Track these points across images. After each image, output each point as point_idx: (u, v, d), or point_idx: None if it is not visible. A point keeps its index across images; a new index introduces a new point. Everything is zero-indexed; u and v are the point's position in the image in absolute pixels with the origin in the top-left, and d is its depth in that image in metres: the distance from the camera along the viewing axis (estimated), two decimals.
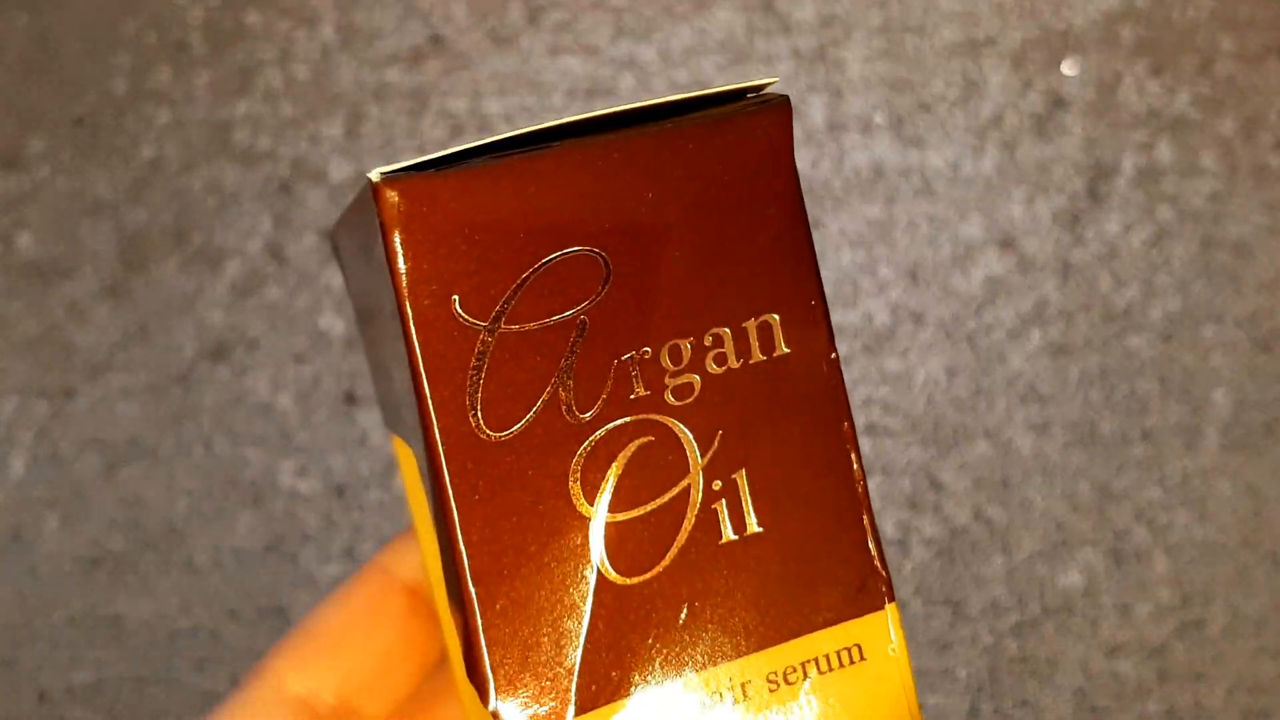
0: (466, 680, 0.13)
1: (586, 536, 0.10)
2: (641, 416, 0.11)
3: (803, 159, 0.48)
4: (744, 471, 0.11)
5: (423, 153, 0.63)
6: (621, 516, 0.10)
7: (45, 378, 0.68)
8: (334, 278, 0.61)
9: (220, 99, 0.52)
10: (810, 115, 0.50)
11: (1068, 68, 0.49)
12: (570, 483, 0.10)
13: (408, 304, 0.10)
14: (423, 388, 0.10)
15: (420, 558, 0.14)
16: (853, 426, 0.11)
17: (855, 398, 0.44)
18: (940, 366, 0.44)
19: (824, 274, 0.47)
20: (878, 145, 0.47)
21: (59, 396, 0.67)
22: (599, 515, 0.10)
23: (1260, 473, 0.43)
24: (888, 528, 0.43)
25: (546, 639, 0.10)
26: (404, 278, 0.10)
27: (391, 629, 0.14)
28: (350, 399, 0.69)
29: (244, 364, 0.62)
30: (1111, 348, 0.44)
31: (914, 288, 0.44)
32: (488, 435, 0.10)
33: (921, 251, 0.44)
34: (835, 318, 0.45)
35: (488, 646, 0.10)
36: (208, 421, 0.66)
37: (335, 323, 0.63)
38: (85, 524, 0.73)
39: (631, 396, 0.10)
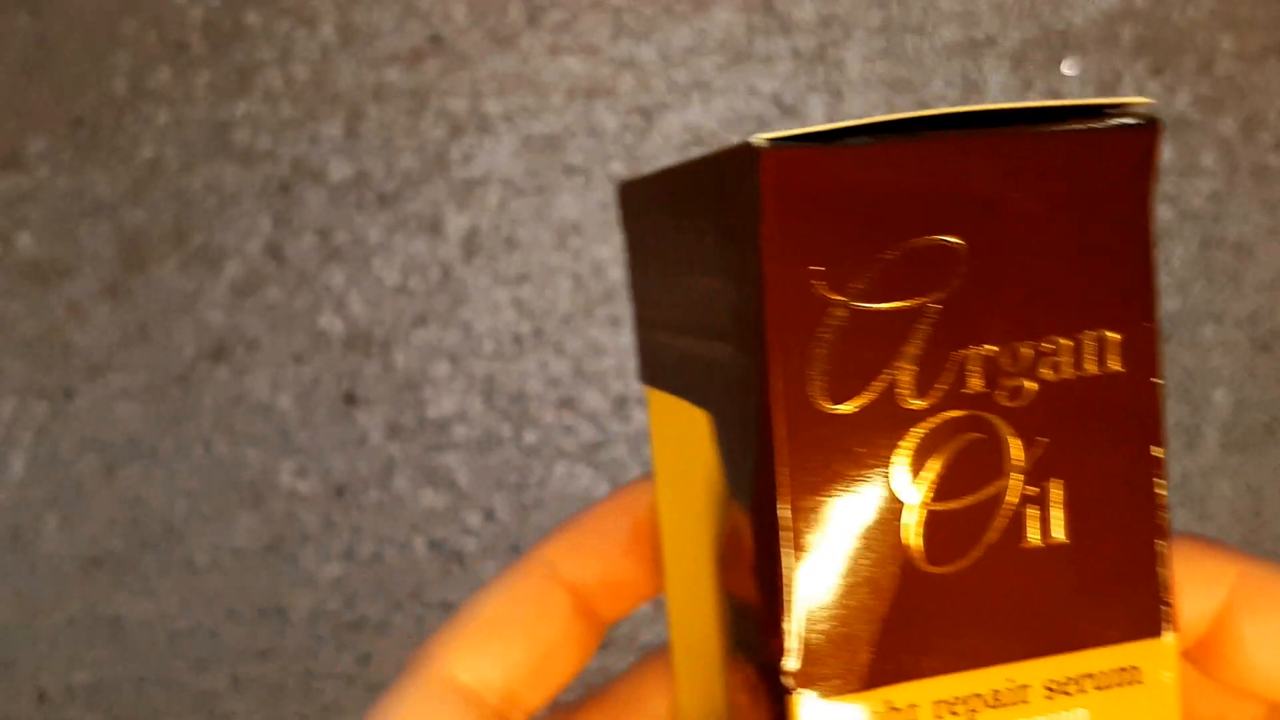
0: (683, 667, 0.14)
1: (901, 521, 0.10)
2: (973, 412, 0.11)
3: None
4: (1057, 481, 0.11)
5: (423, 152, 0.63)
6: (936, 507, 0.11)
7: (45, 378, 0.68)
8: (333, 278, 0.61)
9: (220, 99, 0.52)
10: (810, 115, 0.50)
11: (1068, 68, 0.49)
12: (894, 466, 0.10)
13: (769, 270, 0.10)
14: (768, 354, 0.10)
15: (584, 551, 0.15)
16: (1164, 453, 0.11)
17: None
18: None
19: None
20: None
21: (59, 397, 0.67)
22: (916, 502, 0.11)
23: (1260, 473, 0.43)
24: None
25: (848, 613, 0.10)
26: (769, 243, 0.10)
27: (555, 625, 0.14)
28: (350, 399, 0.69)
29: (243, 364, 0.62)
30: None
31: None
32: (823, 408, 0.10)
33: None
34: None
35: (793, 614, 0.10)
36: (207, 422, 0.66)
37: (335, 323, 0.63)
38: (85, 524, 0.73)
39: (966, 391, 0.11)
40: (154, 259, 0.56)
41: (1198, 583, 0.13)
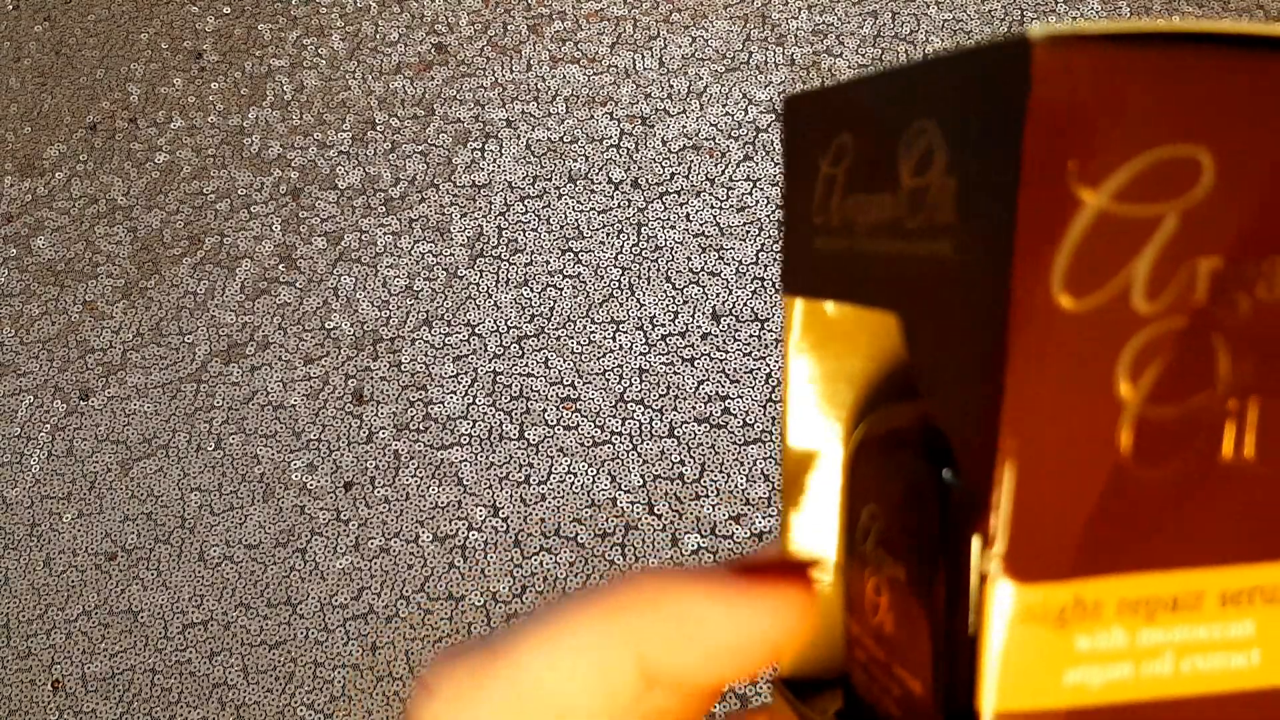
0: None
1: (1116, 420, 0.11)
2: (1194, 322, 0.11)
3: None
4: (1255, 399, 0.11)
5: (429, 158, 0.65)
6: (1149, 411, 0.11)
7: (62, 377, 0.69)
8: (342, 279, 0.62)
9: (232, 106, 0.53)
10: None
11: None
12: (1117, 366, 0.11)
13: (1028, 160, 0.10)
14: (1016, 243, 0.10)
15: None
16: None
17: None
18: None
19: None
20: None
21: (75, 395, 0.68)
22: (1132, 403, 0.11)
23: None
24: None
25: (1059, 501, 0.11)
26: (1033, 134, 0.10)
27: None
28: (358, 397, 0.70)
29: (255, 363, 0.63)
30: None
31: None
32: (1058, 304, 0.10)
33: None
34: None
35: (1007, 498, 0.11)
36: (220, 419, 0.67)
37: (343, 323, 0.64)
38: (100, 519, 0.74)
39: (1192, 300, 0.11)
40: (168, 261, 0.58)
41: None
